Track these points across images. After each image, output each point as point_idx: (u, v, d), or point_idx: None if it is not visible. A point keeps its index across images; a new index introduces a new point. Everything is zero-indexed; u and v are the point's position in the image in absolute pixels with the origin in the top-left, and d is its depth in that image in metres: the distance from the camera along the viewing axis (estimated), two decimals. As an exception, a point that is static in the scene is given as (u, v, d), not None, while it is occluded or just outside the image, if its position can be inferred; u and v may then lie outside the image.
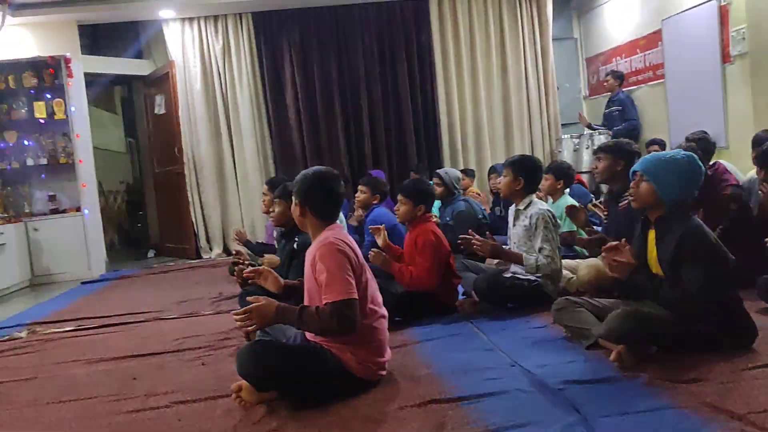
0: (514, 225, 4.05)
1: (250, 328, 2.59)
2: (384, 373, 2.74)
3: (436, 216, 5.57)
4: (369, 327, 2.65)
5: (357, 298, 2.52)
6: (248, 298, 2.62)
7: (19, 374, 3.46)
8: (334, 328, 2.52)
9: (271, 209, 4.45)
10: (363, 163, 8.53)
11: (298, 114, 8.44)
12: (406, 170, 8.17)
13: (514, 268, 3.99)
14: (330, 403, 2.51)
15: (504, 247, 4.02)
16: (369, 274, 2.71)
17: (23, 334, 4.44)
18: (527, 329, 3.46)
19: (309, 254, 2.67)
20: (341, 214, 4.76)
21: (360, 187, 5.31)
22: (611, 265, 2.86)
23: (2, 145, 7.46)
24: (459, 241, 3.95)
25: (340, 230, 2.72)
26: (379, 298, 2.77)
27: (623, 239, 2.92)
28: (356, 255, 2.64)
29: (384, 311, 2.76)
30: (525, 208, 3.94)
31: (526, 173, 3.95)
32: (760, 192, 3.99)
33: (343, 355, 2.59)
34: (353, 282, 2.54)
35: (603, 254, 2.95)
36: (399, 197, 4.08)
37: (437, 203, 5.71)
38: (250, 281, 2.62)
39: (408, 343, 3.35)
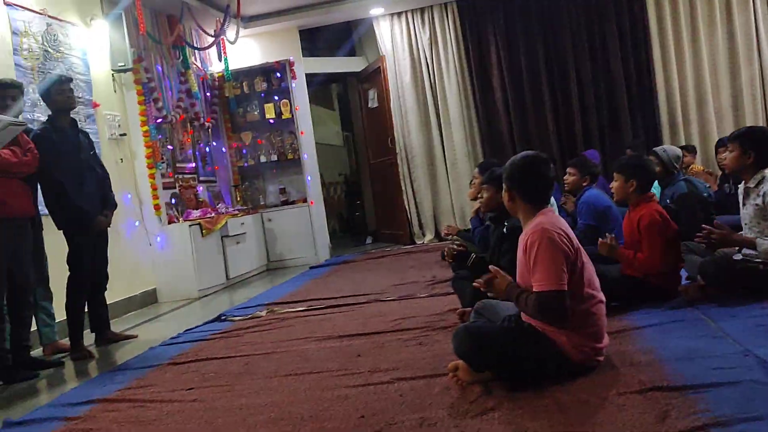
0: (744, 205, 3.70)
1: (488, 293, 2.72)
2: (601, 359, 2.67)
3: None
4: (586, 312, 2.60)
5: (566, 289, 2.50)
6: (490, 267, 2.73)
7: (262, 348, 3.90)
8: (539, 319, 2.55)
9: (479, 195, 4.51)
10: (573, 144, 8.29)
11: (505, 98, 8.41)
12: (620, 149, 7.77)
13: (746, 249, 3.66)
14: (546, 386, 2.50)
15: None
16: (585, 258, 2.66)
17: (263, 313, 4.99)
18: (762, 316, 3.15)
19: (522, 240, 2.68)
20: (552, 198, 4.67)
21: (569, 169, 5.16)
22: None
23: (240, 144, 8.39)
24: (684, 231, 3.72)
25: (551, 214, 2.70)
26: (597, 283, 2.70)
27: None
28: (570, 239, 2.60)
29: (602, 296, 2.69)
30: (756, 186, 3.57)
31: (756, 146, 3.58)
32: None
33: (558, 339, 2.57)
34: (564, 272, 2.51)
35: None
36: (614, 174, 3.96)
37: (656, 185, 5.38)
38: (483, 290, 2.71)
39: (627, 329, 3.22)
